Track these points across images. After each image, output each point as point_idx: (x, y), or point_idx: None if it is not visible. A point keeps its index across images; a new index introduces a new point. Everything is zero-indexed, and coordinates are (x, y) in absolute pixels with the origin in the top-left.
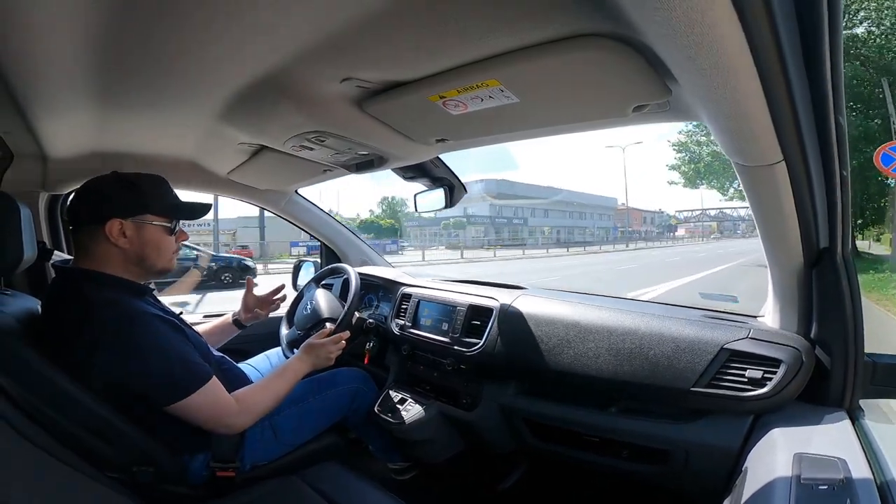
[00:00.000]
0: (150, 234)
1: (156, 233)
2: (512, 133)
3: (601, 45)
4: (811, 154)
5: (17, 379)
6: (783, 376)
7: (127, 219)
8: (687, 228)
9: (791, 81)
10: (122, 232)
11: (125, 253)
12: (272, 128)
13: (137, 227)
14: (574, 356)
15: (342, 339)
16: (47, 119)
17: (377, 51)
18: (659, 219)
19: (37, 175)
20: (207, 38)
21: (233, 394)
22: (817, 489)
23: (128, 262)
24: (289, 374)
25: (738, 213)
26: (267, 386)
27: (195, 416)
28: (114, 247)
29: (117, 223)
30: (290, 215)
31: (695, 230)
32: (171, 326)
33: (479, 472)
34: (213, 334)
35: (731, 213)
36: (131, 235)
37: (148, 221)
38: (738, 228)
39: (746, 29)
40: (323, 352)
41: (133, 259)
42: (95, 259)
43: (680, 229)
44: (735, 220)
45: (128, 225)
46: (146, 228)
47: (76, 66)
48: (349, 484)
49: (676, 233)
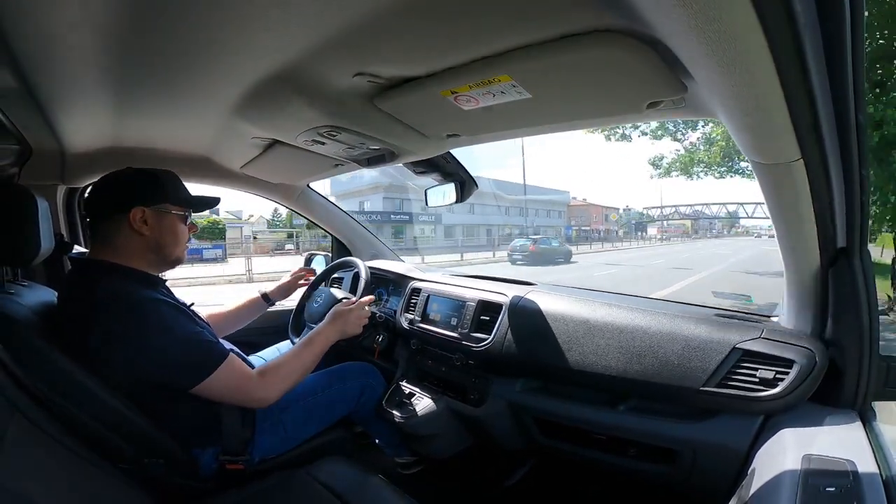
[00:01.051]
0: (169, 223)
1: (174, 221)
2: (523, 129)
3: (615, 41)
4: (830, 152)
5: (31, 370)
6: (796, 377)
7: (149, 206)
8: (659, 228)
9: (811, 78)
10: (143, 220)
11: (145, 240)
12: (285, 122)
13: (158, 216)
14: (583, 353)
15: (368, 302)
16: (66, 115)
17: (389, 46)
18: (628, 216)
19: (55, 169)
20: (223, 36)
21: (257, 368)
22: (825, 490)
23: (147, 249)
24: (318, 344)
25: (712, 211)
26: (296, 355)
27: (222, 393)
28: (135, 234)
29: (140, 211)
30: (302, 209)
31: (668, 229)
32: (181, 313)
33: (485, 468)
34: (243, 310)
35: (706, 211)
36: (152, 223)
37: (168, 210)
38: (713, 227)
39: (765, 24)
40: (352, 316)
41: (152, 246)
42: (114, 248)
43: (651, 228)
44: (710, 218)
45: (149, 213)
46: (166, 217)
47: (95, 65)
48: (355, 478)
49: (647, 232)
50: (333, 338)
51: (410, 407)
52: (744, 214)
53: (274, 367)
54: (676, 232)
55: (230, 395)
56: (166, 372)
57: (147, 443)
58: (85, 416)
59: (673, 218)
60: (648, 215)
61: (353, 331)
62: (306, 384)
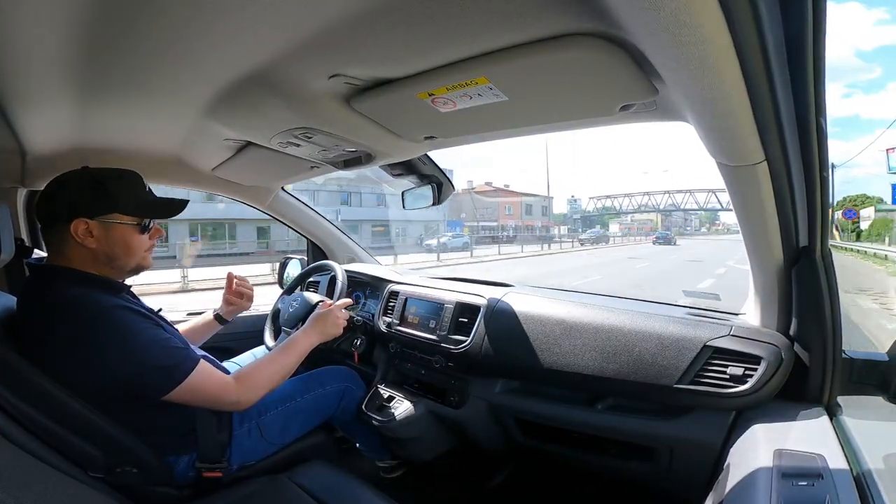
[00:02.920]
0: (118, 234)
1: (125, 232)
2: (500, 131)
3: (589, 44)
4: (792, 154)
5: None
6: (763, 373)
7: (93, 218)
8: (621, 224)
9: (775, 83)
10: (88, 232)
11: (94, 252)
12: (259, 124)
13: (104, 227)
14: (560, 353)
15: (346, 305)
16: (26, 113)
17: (366, 48)
18: (573, 209)
19: (15, 170)
20: (193, 33)
21: (234, 373)
22: (797, 484)
23: (97, 261)
24: (296, 349)
25: (698, 201)
26: (272, 360)
27: (196, 399)
28: (81, 246)
29: (82, 223)
30: (275, 212)
31: (632, 226)
32: (147, 320)
33: (468, 470)
34: (195, 332)
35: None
36: (98, 235)
37: (115, 221)
38: (689, 223)
39: (733, 30)
40: (331, 318)
41: (102, 259)
42: (66, 257)
43: (615, 225)
44: (682, 210)
45: (94, 225)
46: (114, 228)
47: (56, 60)
48: (337, 482)
49: (610, 228)
50: (316, 340)
51: (391, 410)
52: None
53: (250, 371)
54: (646, 229)
55: (205, 401)
56: (135, 380)
57: (118, 450)
58: (51, 423)
59: (644, 211)
60: (610, 208)
61: (333, 332)
62: (285, 389)
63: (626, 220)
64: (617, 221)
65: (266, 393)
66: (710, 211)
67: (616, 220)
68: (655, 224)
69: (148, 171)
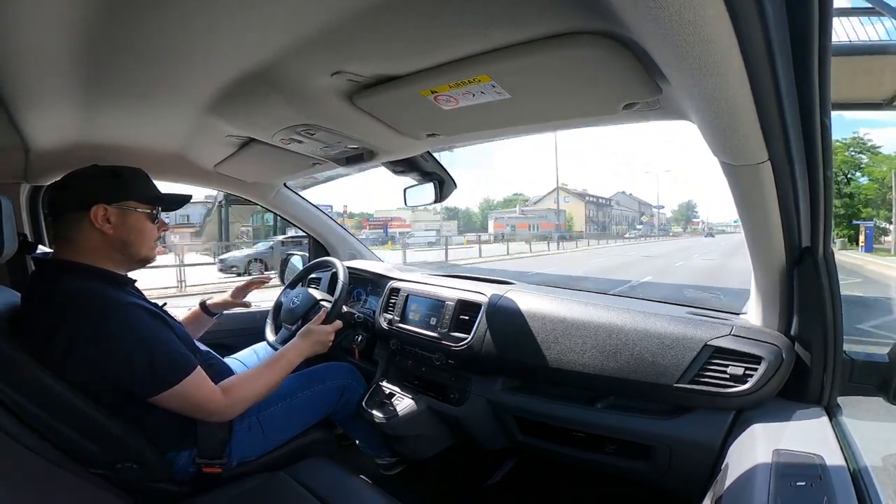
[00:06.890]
0: (133, 221)
1: (139, 219)
2: (502, 129)
3: (593, 42)
4: (796, 154)
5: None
6: (764, 373)
7: (111, 204)
8: (497, 222)
9: (779, 82)
10: (106, 218)
11: (109, 240)
12: (261, 121)
13: (121, 213)
14: (560, 351)
15: (336, 328)
16: (29, 110)
17: (369, 45)
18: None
19: (19, 166)
20: (196, 30)
21: (221, 383)
22: (795, 484)
23: (111, 248)
24: (283, 363)
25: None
26: (259, 375)
27: (179, 407)
28: (97, 233)
29: (102, 209)
30: (277, 208)
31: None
32: (153, 316)
33: (467, 467)
34: (188, 324)
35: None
36: (115, 221)
37: (132, 208)
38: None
39: (738, 29)
40: (321, 336)
41: (117, 245)
42: (77, 248)
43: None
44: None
45: (112, 211)
46: (130, 215)
47: (60, 58)
48: (336, 479)
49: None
50: (298, 359)
51: (391, 407)
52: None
53: (238, 383)
54: (548, 226)
55: (188, 410)
56: (128, 379)
57: (118, 446)
58: (55, 421)
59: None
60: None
61: (319, 350)
62: (285, 385)
63: (511, 216)
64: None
65: (251, 405)
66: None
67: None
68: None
69: (151, 167)
